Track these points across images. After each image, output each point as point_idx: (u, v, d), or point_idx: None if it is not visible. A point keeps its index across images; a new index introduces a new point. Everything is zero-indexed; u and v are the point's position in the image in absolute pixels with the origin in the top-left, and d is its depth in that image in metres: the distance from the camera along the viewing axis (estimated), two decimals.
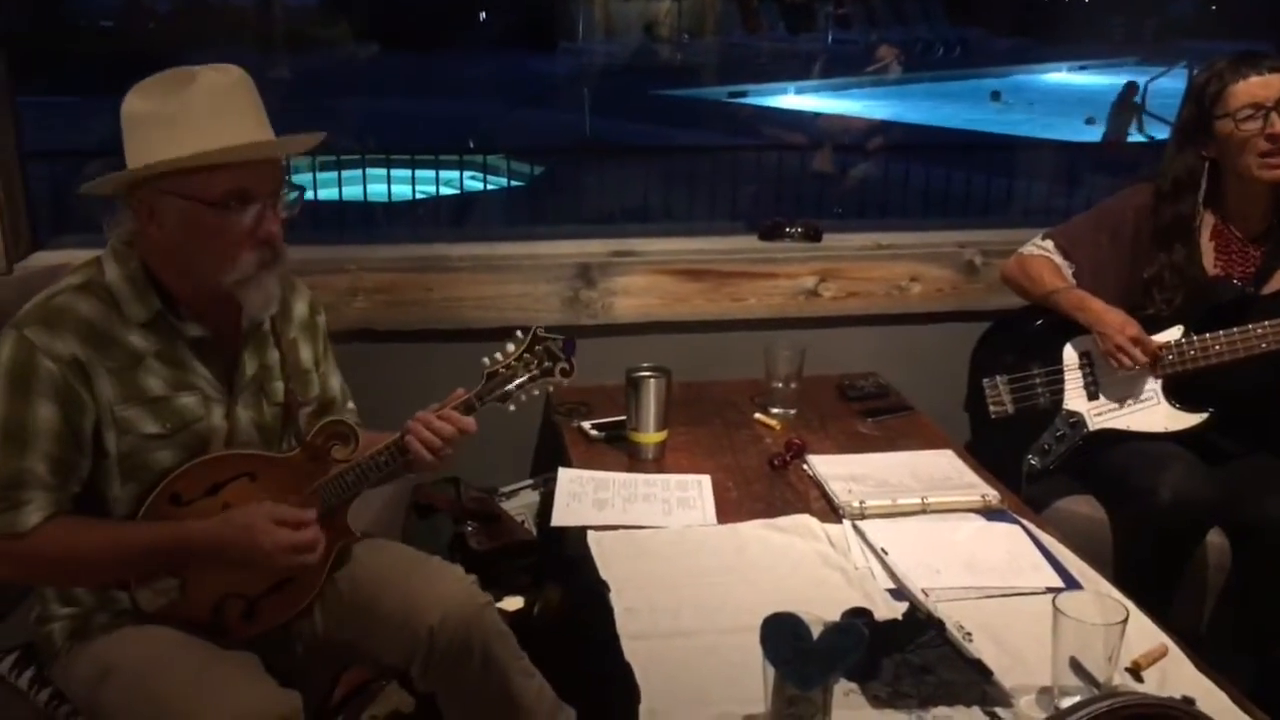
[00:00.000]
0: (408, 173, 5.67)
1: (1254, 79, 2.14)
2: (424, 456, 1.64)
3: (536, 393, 1.73)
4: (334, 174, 5.29)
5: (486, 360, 1.72)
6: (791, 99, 13.58)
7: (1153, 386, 2.26)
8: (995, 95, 13.62)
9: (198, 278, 1.59)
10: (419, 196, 5.72)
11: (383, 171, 5.47)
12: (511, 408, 1.73)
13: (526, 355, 1.71)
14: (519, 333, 1.73)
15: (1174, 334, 2.23)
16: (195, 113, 1.52)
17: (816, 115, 11.82)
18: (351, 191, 5.14)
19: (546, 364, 1.72)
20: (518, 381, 1.71)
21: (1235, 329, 2.16)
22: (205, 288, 1.59)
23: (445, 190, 6.17)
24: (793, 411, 2.33)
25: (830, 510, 1.93)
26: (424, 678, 1.70)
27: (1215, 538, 2.17)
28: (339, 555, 1.73)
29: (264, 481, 1.65)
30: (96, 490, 1.58)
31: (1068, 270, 2.37)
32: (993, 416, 2.39)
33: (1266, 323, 2.13)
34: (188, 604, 1.62)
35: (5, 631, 1.85)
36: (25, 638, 1.75)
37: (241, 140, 1.53)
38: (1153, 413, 2.25)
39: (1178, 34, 15.59)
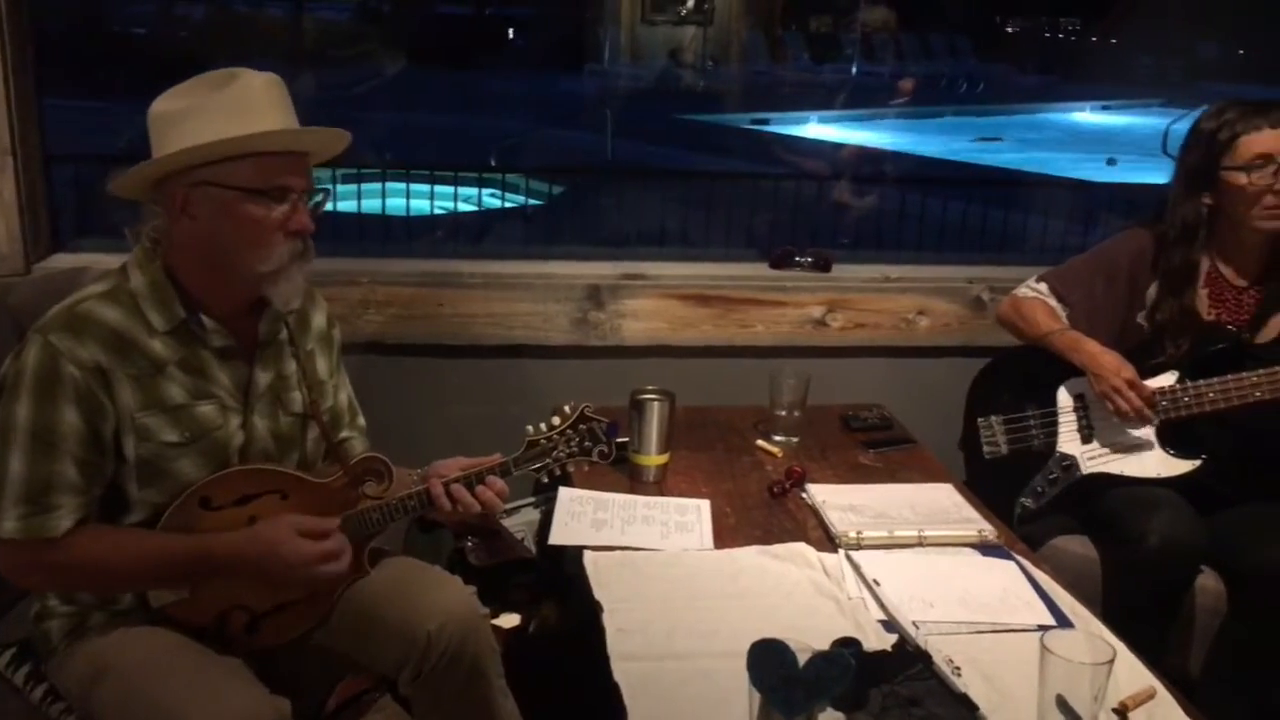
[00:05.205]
0: (427, 188, 5.71)
1: (1266, 132, 2.14)
2: (450, 514, 1.70)
3: (571, 468, 1.77)
4: (354, 186, 5.35)
5: (530, 428, 1.76)
6: (815, 128, 13.63)
7: (1146, 431, 2.25)
8: (980, 139, 13.66)
9: (228, 270, 1.61)
10: (437, 212, 5.77)
11: (402, 185, 5.52)
12: (545, 479, 1.77)
13: (569, 431, 1.75)
14: (566, 408, 1.76)
15: (1168, 379, 2.23)
16: (233, 103, 1.56)
17: (838, 145, 11.86)
18: (370, 205, 5.18)
19: (587, 444, 1.76)
20: (555, 454, 1.74)
21: (1230, 376, 2.16)
22: (234, 282, 1.62)
23: (464, 207, 6.21)
24: (795, 439, 2.34)
25: (827, 539, 1.94)
26: (412, 683, 1.71)
27: (1211, 582, 2.16)
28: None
29: (294, 502, 1.67)
30: (117, 490, 1.60)
31: (1062, 313, 2.37)
32: (986, 457, 2.39)
33: (1261, 370, 2.13)
34: (195, 606, 1.65)
35: (4, 628, 1.88)
36: (23, 634, 1.77)
37: (280, 127, 1.58)
38: (1146, 458, 2.24)
39: (1205, 77, 15.57)
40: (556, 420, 1.76)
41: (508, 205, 7.13)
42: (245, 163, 1.56)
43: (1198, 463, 2.21)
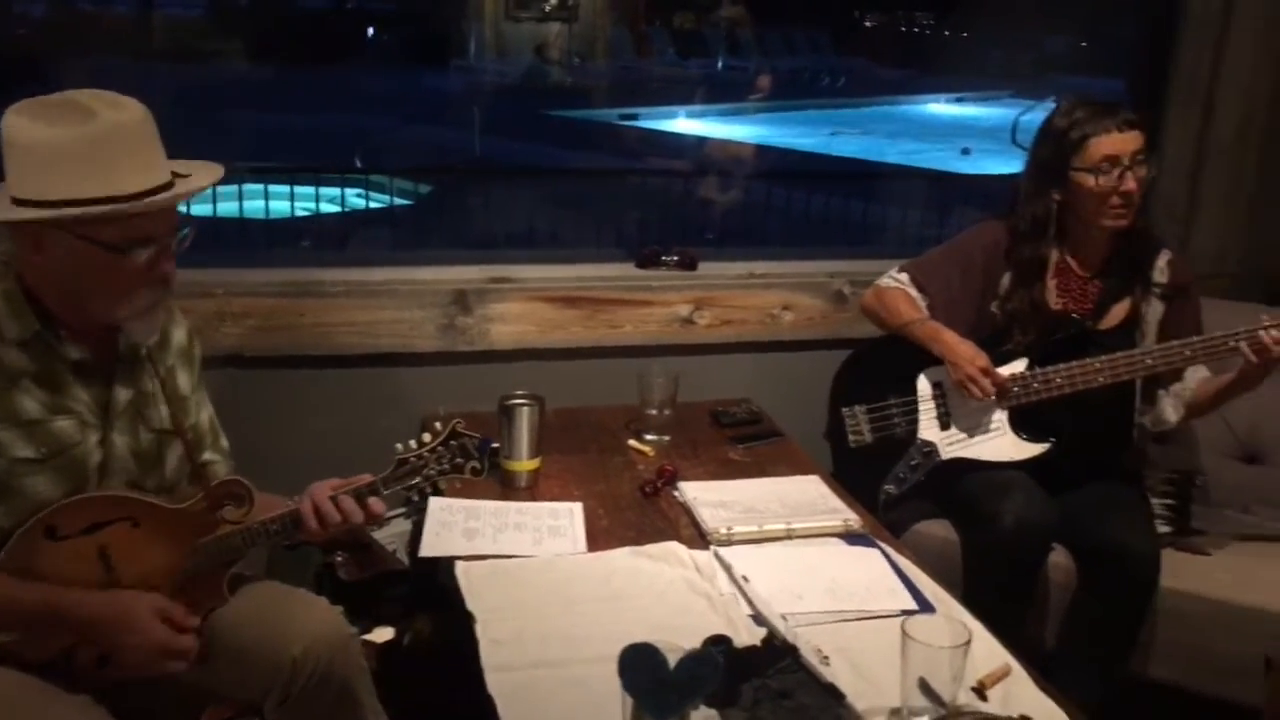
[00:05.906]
0: (287, 189, 5.55)
1: (1115, 134, 2.21)
2: (317, 533, 1.64)
3: (443, 485, 1.73)
4: (209, 190, 5.16)
5: (399, 446, 1.71)
6: (682, 123, 13.75)
7: (1000, 417, 2.35)
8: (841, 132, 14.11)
9: (85, 309, 1.57)
10: (299, 214, 5.61)
11: (260, 187, 5.35)
12: (415, 497, 1.74)
13: (440, 449, 1.71)
14: (437, 424, 1.72)
15: (1019, 367, 2.33)
16: (101, 153, 1.49)
17: (703, 140, 12.00)
18: (226, 208, 5.00)
19: (458, 460, 1.71)
20: (426, 473, 1.70)
21: (1075, 363, 2.26)
22: (90, 314, 1.57)
23: (327, 208, 6.05)
24: (666, 438, 2.35)
25: (699, 537, 1.96)
26: (278, 709, 1.67)
27: (1062, 559, 2.27)
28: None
29: (146, 529, 1.61)
30: None
31: (922, 303, 2.44)
32: (852, 445, 2.46)
33: (1104, 357, 2.24)
34: (40, 640, 1.56)
35: None
36: None
37: (147, 184, 1.51)
38: (1000, 442, 2.34)
39: (1053, 69, 16.25)
40: (427, 437, 1.71)
41: (373, 206, 6.99)
42: (111, 222, 1.50)
43: (1047, 445, 2.31)
